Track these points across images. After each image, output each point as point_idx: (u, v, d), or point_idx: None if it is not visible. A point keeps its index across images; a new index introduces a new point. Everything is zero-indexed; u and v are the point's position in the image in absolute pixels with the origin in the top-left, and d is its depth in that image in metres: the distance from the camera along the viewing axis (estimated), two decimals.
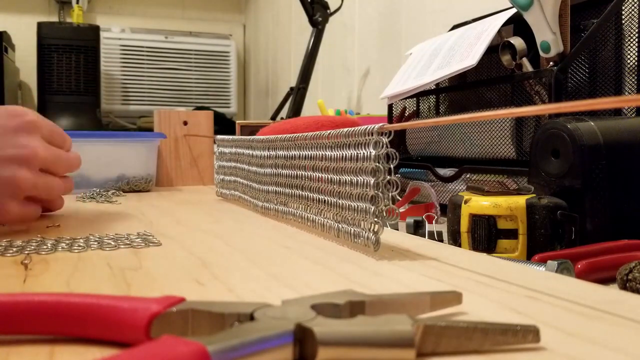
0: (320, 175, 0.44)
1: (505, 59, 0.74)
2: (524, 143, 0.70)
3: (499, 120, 0.72)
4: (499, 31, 0.77)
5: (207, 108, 2.73)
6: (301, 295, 0.24)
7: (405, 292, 0.25)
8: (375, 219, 0.37)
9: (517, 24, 0.78)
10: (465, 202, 0.52)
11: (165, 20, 3.21)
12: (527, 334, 0.20)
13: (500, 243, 0.50)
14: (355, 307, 0.23)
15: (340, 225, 0.42)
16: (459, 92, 0.93)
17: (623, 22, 0.69)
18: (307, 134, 0.46)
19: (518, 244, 0.50)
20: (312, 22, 1.78)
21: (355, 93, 1.77)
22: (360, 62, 1.74)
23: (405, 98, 0.94)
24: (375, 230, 0.37)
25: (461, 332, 0.20)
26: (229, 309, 0.21)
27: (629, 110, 0.68)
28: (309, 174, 0.46)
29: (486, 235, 0.50)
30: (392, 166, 0.36)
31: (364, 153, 0.37)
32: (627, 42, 0.69)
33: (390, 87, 0.94)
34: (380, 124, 0.36)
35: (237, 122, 1.33)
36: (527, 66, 0.72)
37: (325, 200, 0.44)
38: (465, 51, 0.78)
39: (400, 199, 0.78)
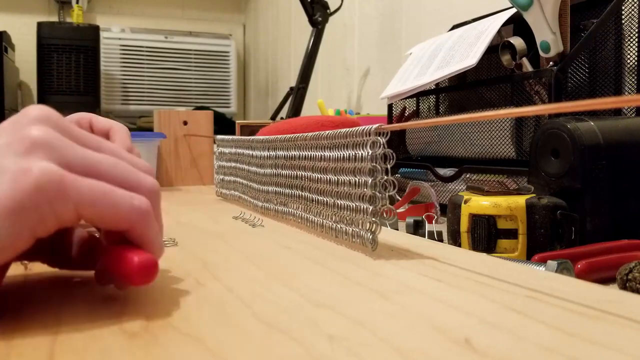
0: (319, 175, 0.44)
1: (505, 59, 0.74)
2: (524, 143, 0.70)
3: (499, 120, 0.72)
4: (499, 31, 0.77)
5: (207, 108, 2.73)
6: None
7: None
8: (373, 219, 0.37)
9: (517, 24, 0.78)
10: (465, 202, 0.52)
11: (165, 20, 3.21)
12: None
13: (500, 243, 0.50)
14: None
15: (339, 225, 0.42)
16: (459, 92, 0.93)
17: (623, 22, 0.69)
18: (306, 134, 0.46)
19: (518, 243, 0.50)
20: (312, 22, 1.78)
21: (355, 93, 1.77)
22: (360, 62, 1.74)
23: (405, 98, 0.94)
24: (373, 229, 0.37)
25: None
26: None
27: (629, 110, 0.68)
28: (308, 174, 0.46)
29: (486, 235, 0.50)
30: (388, 166, 0.36)
31: (361, 153, 0.37)
32: (627, 42, 0.69)
33: (390, 87, 0.94)
34: (377, 125, 0.36)
35: (237, 122, 1.33)
36: (527, 66, 0.72)
37: (324, 201, 0.44)
38: (465, 51, 0.78)
39: (399, 198, 0.78)
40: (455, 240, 0.54)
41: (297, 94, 1.80)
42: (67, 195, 0.23)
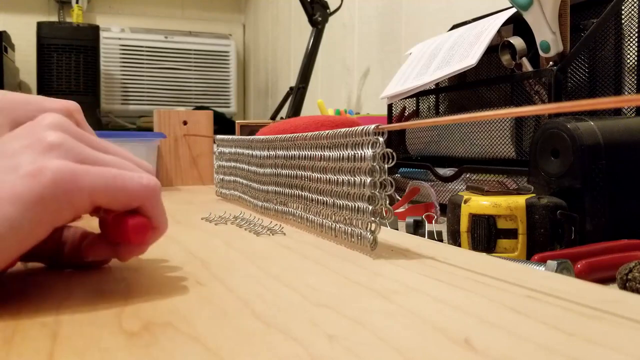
0: (319, 175, 0.44)
1: (505, 58, 0.74)
2: (524, 143, 0.70)
3: (498, 120, 0.72)
4: (499, 31, 0.77)
5: (207, 108, 2.73)
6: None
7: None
8: (373, 219, 0.37)
9: (517, 24, 0.78)
10: (465, 201, 0.52)
11: (165, 20, 3.21)
12: None
13: (500, 243, 0.50)
14: None
15: (338, 225, 0.42)
16: (458, 92, 0.93)
17: (623, 22, 0.69)
18: (306, 134, 0.46)
19: (518, 243, 0.50)
20: (312, 21, 1.78)
21: (355, 93, 1.77)
22: (360, 62, 1.74)
23: (405, 98, 0.94)
24: (373, 229, 0.37)
25: None
26: None
27: (629, 110, 0.68)
28: (308, 174, 0.46)
29: (486, 235, 0.50)
30: (386, 166, 0.36)
31: (361, 153, 0.37)
32: (626, 42, 0.69)
33: (390, 87, 0.94)
34: (376, 124, 0.36)
35: (236, 121, 1.33)
36: (527, 66, 0.72)
37: (324, 200, 0.44)
38: (465, 51, 0.78)
39: (399, 198, 0.78)
40: (455, 240, 0.54)
41: (297, 93, 1.80)
42: (81, 185, 0.25)
